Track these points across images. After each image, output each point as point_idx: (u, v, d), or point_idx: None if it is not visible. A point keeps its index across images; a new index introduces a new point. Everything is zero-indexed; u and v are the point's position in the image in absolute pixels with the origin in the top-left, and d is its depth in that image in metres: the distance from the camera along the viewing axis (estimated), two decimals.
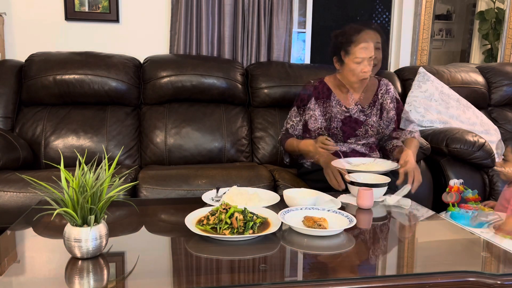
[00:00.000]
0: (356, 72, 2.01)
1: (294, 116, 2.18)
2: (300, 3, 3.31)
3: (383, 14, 4.11)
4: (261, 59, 2.96)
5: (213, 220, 1.24)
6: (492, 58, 3.91)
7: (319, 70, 2.79)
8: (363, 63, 1.98)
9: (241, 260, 1.10)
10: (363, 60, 1.97)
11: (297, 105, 2.18)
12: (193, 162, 2.55)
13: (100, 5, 2.85)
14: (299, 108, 2.17)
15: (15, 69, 2.59)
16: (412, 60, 3.46)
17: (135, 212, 1.49)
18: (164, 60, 2.71)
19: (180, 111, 2.65)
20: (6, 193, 1.91)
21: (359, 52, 1.96)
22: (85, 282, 0.98)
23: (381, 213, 1.56)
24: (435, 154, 2.46)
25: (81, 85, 2.54)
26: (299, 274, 1.05)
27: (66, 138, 2.47)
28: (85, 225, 1.06)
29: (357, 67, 1.99)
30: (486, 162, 2.42)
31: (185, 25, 2.85)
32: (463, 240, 1.31)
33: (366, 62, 1.98)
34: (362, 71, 1.99)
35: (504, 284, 1.02)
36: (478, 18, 4.03)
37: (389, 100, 2.16)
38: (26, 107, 2.58)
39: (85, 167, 1.08)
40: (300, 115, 2.16)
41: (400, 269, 1.11)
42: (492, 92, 3.11)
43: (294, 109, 2.19)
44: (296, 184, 2.09)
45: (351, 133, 2.11)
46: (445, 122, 2.79)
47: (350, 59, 2.01)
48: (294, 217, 1.36)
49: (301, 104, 2.16)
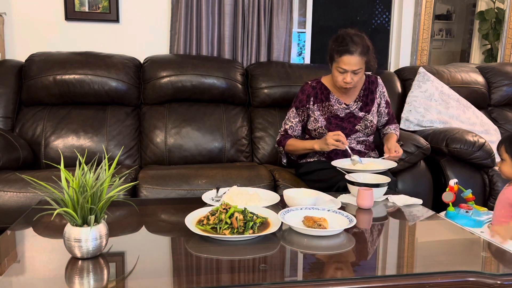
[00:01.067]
0: (338, 79, 2.03)
1: (293, 117, 2.18)
2: (300, 3, 3.31)
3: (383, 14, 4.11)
4: (261, 59, 2.96)
5: (213, 220, 1.24)
6: (492, 58, 3.91)
7: (319, 70, 2.79)
8: (345, 73, 1.99)
9: (241, 260, 1.10)
10: (345, 71, 1.98)
11: (296, 106, 2.18)
12: (193, 162, 2.55)
13: (100, 5, 2.85)
14: (298, 109, 2.17)
15: (15, 69, 2.59)
16: (412, 60, 3.46)
17: (135, 212, 1.49)
18: (164, 60, 2.71)
19: (180, 111, 2.65)
20: (6, 193, 1.91)
21: (342, 63, 1.97)
22: (85, 282, 0.98)
23: (381, 213, 1.56)
24: (435, 154, 2.46)
25: (81, 85, 2.54)
26: (299, 274, 1.05)
27: (66, 138, 2.47)
28: (85, 225, 1.06)
29: (339, 75, 2.01)
30: (486, 162, 2.42)
31: (185, 25, 2.85)
32: (463, 240, 1.31)
33: (349, 73, 1.98)
34: (343, 80, 2.01)
35: (504, 284, 1.02)
36: (478, 18, 4.03)
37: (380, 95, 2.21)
38: (26, 107, 2.58)
39: (85, 167, 1.08)
40: (299, 116, 2.17)
41: (400, 269, 1.10)
42: (492, 92, 3.11)
43: (292, 110, 2.19)
44: (296, 184, 2.09)
45: (352, 128, 2.12)
46: (445, 122, 2.79)
47: (334, 67, 2.03)
48: (294, 217, 1.36)
49: (299, 105, 2.16)
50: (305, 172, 2.15)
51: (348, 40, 1.96)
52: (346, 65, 1.96)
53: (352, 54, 1.95)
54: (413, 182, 2.33)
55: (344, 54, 1.95)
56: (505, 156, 1.76)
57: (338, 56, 1.98)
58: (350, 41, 1.96)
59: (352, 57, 1.95)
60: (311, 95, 2.14)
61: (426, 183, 2.37)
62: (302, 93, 2.17)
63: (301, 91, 2.19)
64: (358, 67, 1.97)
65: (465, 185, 2.22)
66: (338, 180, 1.89)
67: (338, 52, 1.97)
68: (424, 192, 2.33)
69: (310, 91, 2.15)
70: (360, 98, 2.16)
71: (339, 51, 1.97)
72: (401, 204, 1.62)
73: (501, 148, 1.77)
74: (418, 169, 2.38)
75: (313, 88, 2.16)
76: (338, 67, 1.99)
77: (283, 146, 2.18)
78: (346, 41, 1.96)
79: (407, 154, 2.28)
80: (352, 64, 1.96)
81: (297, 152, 2.15)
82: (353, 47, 1.95)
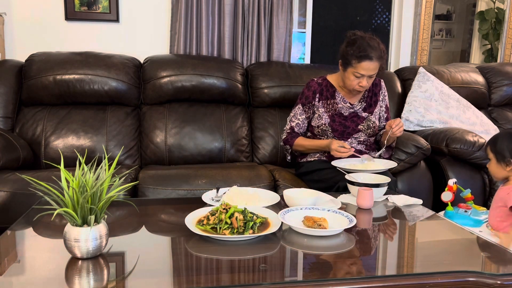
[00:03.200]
0: (353, 83, 2.03)
1: (299, 114, 2.18)
2: (300, 3, 3.31)
3: (383, 14, 4.11)
4: (261, 59, 2.96)
5: (213, 220, 1.24)
6: (492, 58, 3.91)
7: (319, 70, 2.79)
8: (362, 78, 2.00)
9: (241, 260, 1.10)
10: (362, 76, 1.99)
11: (302, 102, 2.17)
12: (193, 162, 2.55)
13: (100, 5, 2.85)
14: (304, 105, 2.17)
15: (15, 69, 2.59)
16: (412, 60, 3.46)
17: (135, 212, 1.49)
18: (164, 60, 2.71)
19: (180, 111, 2.65)
20: (6, 193, 1.91)
21: (361, 69, 1.97)
22: (85, 282, 0.98)
23: (381, 213, 1.56)
24: (435, 154, 2.46)
25: (81, 85, 2.54)
26: (299, 274, 1.05)
27: (66, 138, 2.47)
28: (85, 225, 1.06)
29: (355, 80, 2.02)
30: (486, 162, 2.41)
31: (185, 25, 2.85)
32: (463, 240, 1.31)
33: (366, 78, 2.00)
34: (359, 84, 2.02)
35: (504, 284, 1.02)
36: (478, 18, 4.04)
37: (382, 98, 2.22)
38: (26, 107, 2.58)
39: (85, 167, 1.08)
40: (305, 113, 2.16)
41: (400, 269, 1.10)
42: (492, 92, 3.11)
43: (299, 106, 2.19)
44: (296, 184, 2.09)
45: (355, 128, 2.12)
46: (445, 122, 2.79)
47: (350, 71, 2.02)
48: (294, 217, 1.36)
49: (306, 102, 2.16)
50: (305, 172, 2.15)
51: (365, 45, 1.96)
52: (364, 71, 1.97)
53: (371, 60, 1.95)
54: (413, 182, 2.33)
55: (363, 60, 1.95)
56: (491, 155, 1.82)
57: (356, 62, 1.97)
58: (368, 47, 1.96)
59: (371, 63, 1.96)
60: (317, 92, 2.14)
61: (426, 183, 2.37)
62: (308, 89, 2.17)
63: (307, 87, 2.18)
64: (375, 72, 2.00)
65: (465, 185, 2.22)
66: (338, 180, 1.89)
67: (357, 58, 1.96)
68: (424, 192, 2.33)
69: (316, 87, 2.15)
70: (365, 99, 2.17)
71: (359, 57, 1.96)
72: (401, 204, 1.62)
73: (487, 149, 1.84)
74: (418, 169, 2.38)
75: (319, 84, 2.16)
76: (356, 72, 1.99)
77: (290, 145, 2.18)
78: (364, 46, 1.96)
79: (407, 155, 2.28)
80: (370, 70, 1.97)
81: (306, 152, 2.16)
82: (372, 53, 1.95)
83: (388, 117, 2.26)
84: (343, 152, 1.92)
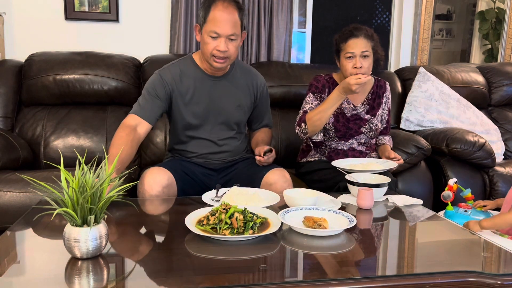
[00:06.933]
0: (347, 68, 1.99)
1: (311, 101, 2.11)
2: (300, 3, 3.31)
3: (383, 14, 4.11)
4: (261, 59, 2.95)
5: (213, 220, 1.24)
6: (492, 58, 3.91)
7: (319, 70, 2.79)
8: (354, 58, 1.97)
9: (241, 260, 1.10)
10: (354, 55, 1.97)
11: (312, 91, 2.13)
12: None
13: (100, 5, 2.84)
14: (315, 93, 2.12)
15: (15, 69, 2.58)
16: (412, 60, 3.46)
17: (135, 212, 1.49)
18: (164, 60, 2.69)
19: None
20: (6, 193, 1.91)
21: (349, 47, 1.97)
22: (85, 282, 0.98)
23: (381, 213, 1.56)
24: (435, 154, 2.46)
25: (81, 85, 2.54)
26: (299, 274, 1.05)
27: (66, 138, 2.47)
28: (85, 225, 1.06)
29: (349, 62, 1.98)
30: (486, 162, 2.42)
31: (185, 25, 2.84)
32: (463, 240, 1.31)
33: (358, 58, 1.97)
34: (354, 66, 1.97)
35: (504, 284, 1.01)
36: (478, 18, 4.04)
37: (386, 101, 2.20)
38: (26, 107, 2.58)
39: (85, 167, 1.08)
40: (317, 99, 2.11)
41: (400, 269, 1.10)
42: (492, 92, 3.11)
43: (309, 95, 2.12)
44: (296, 184, 2.09)
45: (357, 130, 2.11)
46: (445, 122, 2.78)
47: (342, 56, 2.01)
48: (294, 217, 1.36)
49: (316, 90, 2.12)
50: (306, 172, 2.15)
51: (350, 28, 2.01)
52: (353, 48, 1.96)
53: (357, 37, 1.97)
54: (413, 182, 2.33)
55: (349, 39, 1.97)
56: None
57: (343, 43, 1.99)
58: (352, 28, 2.01)
59: (358, 39, 1.96)
60: (326, 86, 2.13)
61: (426, 183, 2.37)
62: (317, 82, 2.14)
63: (316, 81, 2.15)
64: (365, 49, 1.96)
65: (465, 185, 2.22)
66: (338, 180, 1.89)
67: (343, 39, 1.99)
68: (424, 192, 2.32)
69: (324, 82, 2.14)
70: (368, 101, 2.15)
71: (344, 38, 1.99)
72: (401, 204, 1.62)
73: None
74: (418, 169, 2.38)
75: (326, 81, 2.14)
76: (346, 53, 1.97)
77: (304, 121, 2.03)
78: (349, 29, 2.01)
79: (408, 155, 2.28)
80: (358, 46, 1.96)
81: (320, 115, 1.98)
82: (357, 31, 1.98)
83: (389, 120, 2.24)
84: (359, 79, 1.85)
